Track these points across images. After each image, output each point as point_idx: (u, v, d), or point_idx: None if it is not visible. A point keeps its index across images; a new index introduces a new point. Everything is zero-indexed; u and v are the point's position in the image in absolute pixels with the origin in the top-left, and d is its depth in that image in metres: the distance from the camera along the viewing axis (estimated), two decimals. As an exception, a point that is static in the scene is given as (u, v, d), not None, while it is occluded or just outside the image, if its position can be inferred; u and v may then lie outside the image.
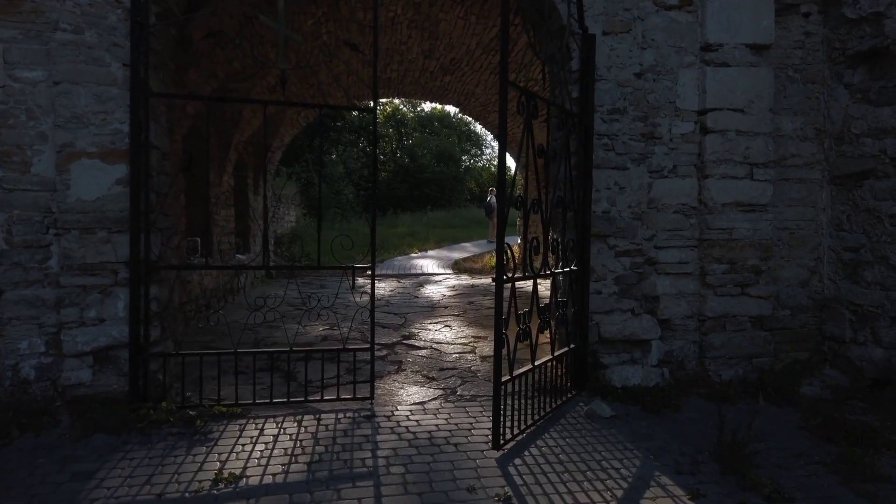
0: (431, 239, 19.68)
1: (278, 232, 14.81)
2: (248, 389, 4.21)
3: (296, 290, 10.50)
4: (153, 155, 3.95)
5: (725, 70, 4.60)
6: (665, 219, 4.62)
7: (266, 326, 7.15)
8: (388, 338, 6.52)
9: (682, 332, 4.65)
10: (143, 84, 3.77)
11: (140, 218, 3.79)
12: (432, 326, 7.15)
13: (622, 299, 4.52)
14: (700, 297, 4.66)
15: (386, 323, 7.40)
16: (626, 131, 4.49)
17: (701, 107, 4.62)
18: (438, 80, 10.08)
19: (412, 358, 5.60)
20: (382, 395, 4.44)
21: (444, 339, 6.40)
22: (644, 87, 4.52)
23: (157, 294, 3.94)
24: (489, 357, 5.58)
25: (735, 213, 4.63)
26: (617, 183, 4.50)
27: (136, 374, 3.80)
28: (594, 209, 4.44)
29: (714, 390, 4.43)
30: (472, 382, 4.75)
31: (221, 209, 8.61)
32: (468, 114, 11.96)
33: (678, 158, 4.62)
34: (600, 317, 4.49)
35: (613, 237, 4.51)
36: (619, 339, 4.50)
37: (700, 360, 4.66)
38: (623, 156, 4.49)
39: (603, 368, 4.45)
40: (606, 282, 4.51)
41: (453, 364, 5.36)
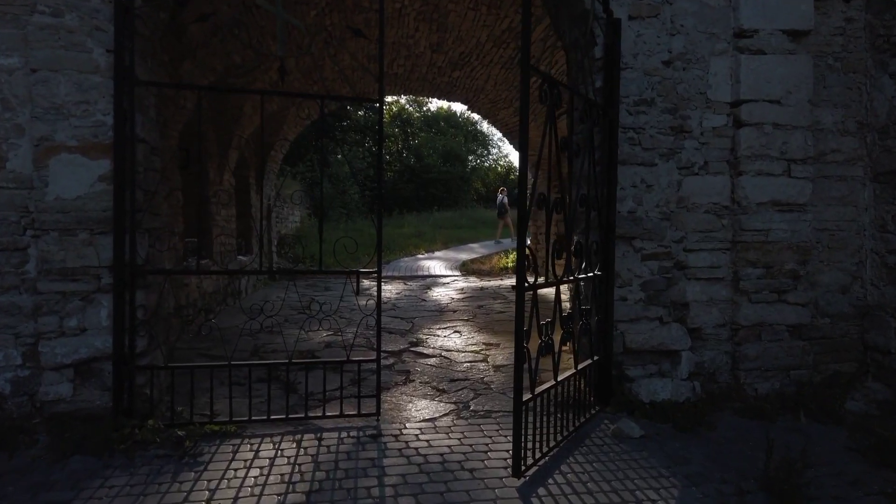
0: (438, 240, 19.35)
1: (282, 232, 14.51)
2: (244, 403, 3.88)
3: (299, 293, 10.20)
4: (140, 149, 3.63)
5: (761, 58, 4.24)
6: (695, 219, 4.26)
7: (267, 332, 6.83)
8: (394, 344, 6.18)
9: (714, 342, 4.30)
10: (128, 72, 3.45)
11: (125, 218, 3.46)
12: (441, 332, 6.81)
13: (649, 306, 4.17)
14: (733, 304, 4.30)
15: (393, 328, 7.07)
16: (653, 124, 4.13)
17: (734, 98, 4.27)
18: (446, 76, 9.74)
19: (421, 367, 5.27)
20: (389, 409, 4.10)
21: (453, 347, 6.06)
22: (673, 77, 4.17)
23: (143, 301, 3.61)
24: (502, 367, 5.24)
25: (771, 212, 4.27)
26: (644, 180, 4.15)
27: (120, 389, 3.47)
28: (619, 209, 4.09)
29: (749, 405, 4.07)
30: (485, 395, 4.40)
31: (222, 209, 8.30)
32: (476, 111, 11.60)
33: (709, 154, 4.27)
34: (625, 325, 4.14)
35: (640, 239, 4.15)
36: (646, 349, 4.14)
37: (733, 373, 4.30)
38: (650, 151, 4.14)
39: (629, 382, 4.10)
40: (632, 287, 4.15)
41: (465, 374, 5.02)
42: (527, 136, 3.04)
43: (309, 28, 7.30)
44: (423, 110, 39.04)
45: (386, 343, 6.23)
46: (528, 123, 3.02)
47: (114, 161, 3.45)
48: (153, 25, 3.87)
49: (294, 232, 16.13)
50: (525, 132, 3.01)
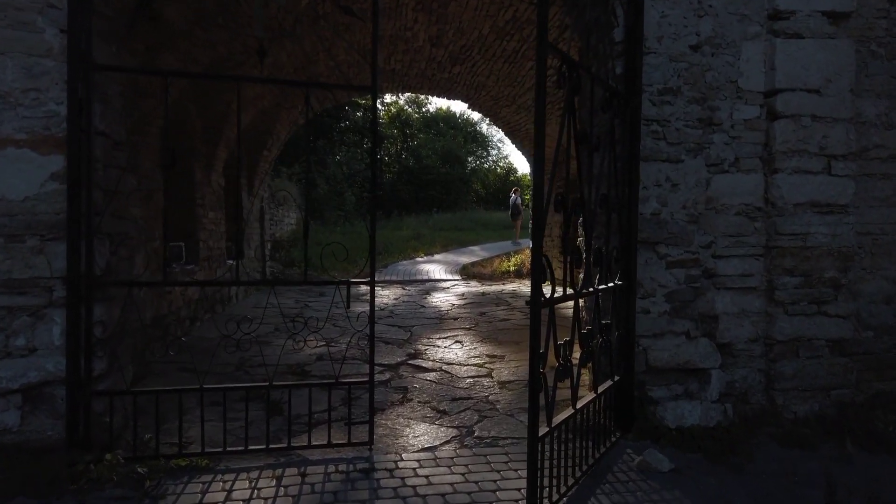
0: (437, 242, 18.91)
1: (276, 235, 14.06)
2: (219, 428, 3.43)
3: (293, 299, 9.76)
4: (100, 143, 3.19)
5: (798, 42, 3.81)
6: (725, 222, 3.83)
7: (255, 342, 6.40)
8: (391, 357, 5.74)
9: (746, 359, 3.86)
10: (84, 55, 3.01)
11: (81, 222, 3.02)
12: (441, 342, 6.37)
13: (674, 320, 3.73)
14: (767, 316, 3.86)
15: (389, 338, 6.63)
16: (679, 116, 3.70)
17: (768, 87, 3.83)
18: (446, 72, 9.30)
19: (419, 383, 4.82)
20: (384, 435, 3.66)
21: (455, 359, 5.61)
22: (701, 63, 3.73)
23: (103, 316, 3.17)
24: (509, 383, 4.79)
25: (809, 214, 3.83)
26: (668, 178, 3.71)
27: (75, 418, 3.03)
28: (641, 210, 3.65)
29: (787, 431, 3.63)
30: (491, 419, 3.96)
31: (210, 211, 7.85)
32: (477, 109, 11.17)
33: (741, 149, 3.83)
34: (648, 341, 3.70)
35: (664, 244, 3.72)
36: (672, 367, 3.70)
37: (767, 393, 3.86)
38: (676, 146, 3.71)
39: (652, 404, 3.65)
40: (655, 298, 3.72)
41: (467, 392, 4.57)
42: (543, 129, 2.61)
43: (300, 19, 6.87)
44: (423, 111, 38.67)
45: (382, 355, 5.79)
46: (544, 111, 2.59)
47: (68, 157, 3.00)
48: (118, 4, 3.43)
49: (289, 235, 15.68)
50: (541, 122, 2.58)
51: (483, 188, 36.95)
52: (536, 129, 2.57)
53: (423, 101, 39.09)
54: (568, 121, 2.86)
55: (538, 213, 2.59)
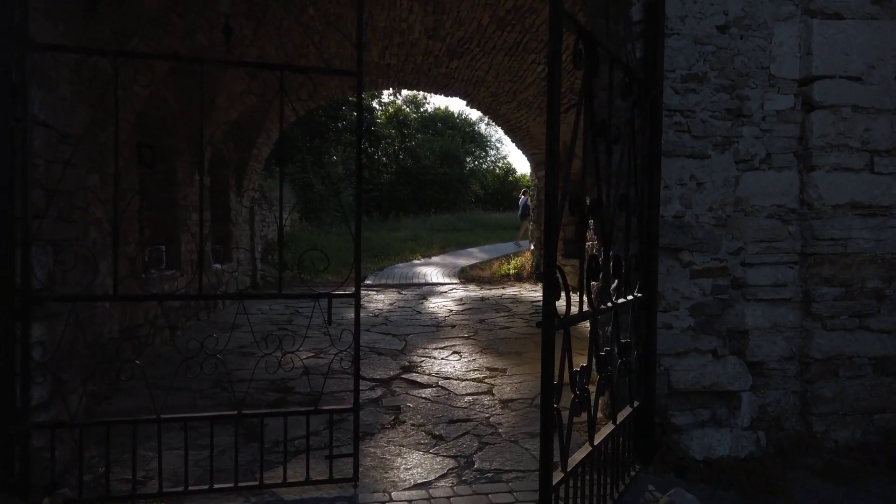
0: (435, 244, 18.48)
1: (268, 237, 13.62)
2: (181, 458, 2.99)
3: (283, 304, 9.32)
4: (40, 135, 2.76)
5: (837, 24, 3.39)
6: (756, 226, 3.40)
7: (237, 353, 5.97)
8: (384, 370, 5.31)
9: (779, 380, 3.43)
10: (17, 32, 2.58)
11: (14, 227, 2.59)
12: (438, 353, 5.94)
13: (700, 336, 3.31)
14: (803, 331, 3.44)
15: (383, 348, 6.20)
16: (705, 106, 3.28)
17: (804, 74, 3.41)
18: (444, 66, 8.88)
19: (413, 402, 4.39)
20: (371, 467, 3.23)
21: (452, 373, 5.18)
22: (729, 47, 3.31)
23: (43, 336, 2.73)
24: (511, 402, 4.37)
25: (850, 217, 3.41)
26: (693, 176, 3.29)
27: (9, 456, 2.59)
28: (662, 213, 3.23)
29: (828, 462, 3.21)
30: (493, 446, 3.53)
31: (193, 212, 7.41)
32: (476, 106, 10.75)
33: (773, 143, 3.41)
34: (671, 360, 3.27)
35: (688, 251, 3.29)
36: (696, 390, 3.28)
37: (803, 418, 3.44)
38: (702, 139, 3.28)
39: (676, 432, 3.23)
40: (678, 312, 3.29)
41: (466, 412, 4.15)
42: (557, 113, 2.18)
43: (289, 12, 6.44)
44: (421, 111, 38.28)
45: (374, 368, 5.36)
46: (559, 92, 2.17)
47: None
48: (65, -23, 3.00)
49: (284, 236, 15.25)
50: (555, 105, 2.15)
51: (482, 189, 36.55)
52: (550, 114, 2.14)
53: (422, 101, 38.77)
54: (585, 108, 2.42)
55: (551, 217, 2.16)
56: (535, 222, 12.35)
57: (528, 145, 11.09)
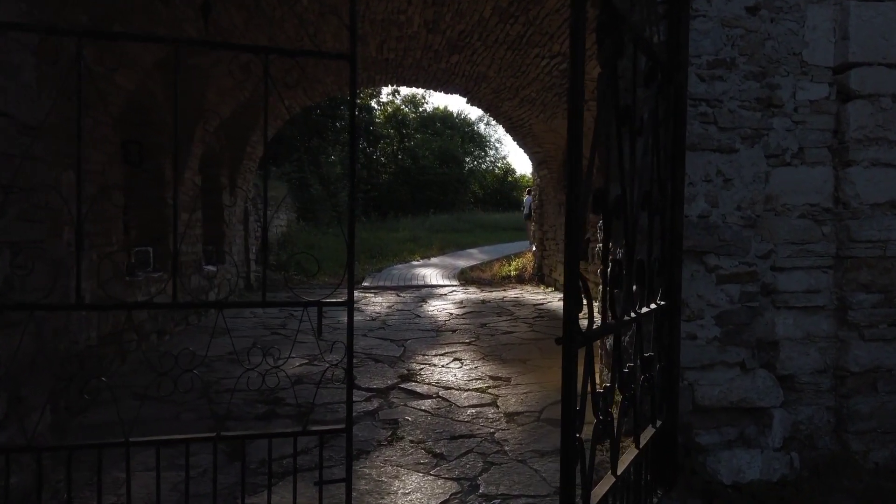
0: (434, 245, 18.20)
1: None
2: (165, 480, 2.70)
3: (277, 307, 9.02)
4: (-6, 125, 2.46)
5: (876, 6, 3.10)
6: (787, 226, 3.11)
7: (226, 360, 5.67)
8: (381, 378, 5.01)
9: (812, 395, 3.14)
10: (-33, 5, 2.29)
11: (-38, 226, 2.29)
12: (438, 360, 5.65)
13: (726, 347, 3.02)
14: (838, 342, 3.15)
15: (380, 354, 5.90)
16: (733, 94, 2.99)
17: (839, 61, 3.12)
18: (444, 61, 8.59)
19: (412, 415, 4.10)
20: (366, 492, 2.93)
21: (453, 382, 4.89)
22: (759, 30, 3.03)
23: (-3, 349, 2.44)
24: (517, 415, 4.07)
25: (890, 217, 3.12)
26: (720, 172, 3.00)
27: (-45, 484, 2.30)
28: (686, 212, 2.94)
29: (868, 485, 2.92)
30: (499, 466, 3.23)
31: (182, 212, 7.11)
32: (477, 104, 10.45)
33: (805, 137, 3.12)
34: (695, 374, 2.98)
35: (714, 254, 3.00)
36: (723, 406, 2.99)
37: (838, 436, 3.15)
38: (729, 131, 3.00)
39: (701, 453, 2.94)
40: (703, 321, 3.00)
41: (469, 427, 3.85)
42: (581, 89, 1.88)
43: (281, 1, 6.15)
44: (420, 110, 38.03)
45: (370, 376, 5.07)
46: (582, 70, 1.88)
47: (-54, 140, 2.28)
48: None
49: (279, 237, 14.95)
50: (579, 77, 1.86)
51: (481, 189, 36.28)
52: (573, 89, 1.85)
53: (420, 101, 38.53)
54: (608, 92, 2.13)
55: (574, 214, 1.86)
56: (536, 223, 12.06)
57: (529, 143, 10.80)
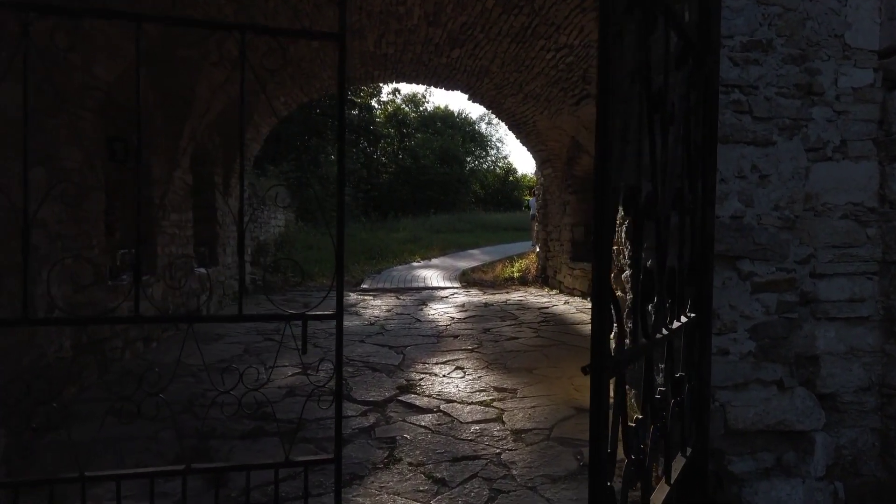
0: (435, 245, 17.88)
1: (261, 238, 13.01)
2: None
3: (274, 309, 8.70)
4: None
5: (927, -18, 2.78)
6: (828, 228, 2.79)
7: (216, 370, 5.34)
8: (378, 389, 4.70)
9: (856, 416, 2.82)
10: None
11: None
12: (439, 369, 5.33)
13: (762, 364, 2.70)
14: (884, 356, 2.83)
15: (378, 363, 5.58)
16: (770, 80, 2.67)
17: (885, 44, 2.80)
18: (445, 56, 8.27)
19: (411, 432, 3.78)
20: (359, 526, 2.62)
21: (456, 394, 4.57)
22: (798, 8, 2.71)
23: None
24: (525, 432, 3.75)
25: (943, 218, 2.80)
26: (755, 167, 2.68)
27: None
28: (718, 212, 2.62)
29: (921, 519, 2.60)
30: (507, 495, 2.92)
31: (171, 213, 6.80)
32: (478, 100, 10.13)
33: (848, 128, 2.80)
34: (728, 394, 2.66)
35: (749, 259, 2.69)
36: (758, 430, 2.67)
37: (884, 461, 2.83)
38: (765, 122, 2.68)
39: (735, 483, 2.62)
40: (736, 334, 2.68)
41: (473, 446, 3.54)
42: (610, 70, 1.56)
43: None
44: (420, 110, 37.74)
45: (367, 387, 4.75)
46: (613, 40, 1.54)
47: None
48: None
49: (276, 237, 14.64)
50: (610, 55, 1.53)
51: (482, 189, 35.97)
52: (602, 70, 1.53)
53: (421, 100, 38.29)
54: (640, 74, 1.81)
55: (605, 218, 1.54)
56: (539, 223, 11.74)
57: (533, 141, 10.48)
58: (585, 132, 7.94)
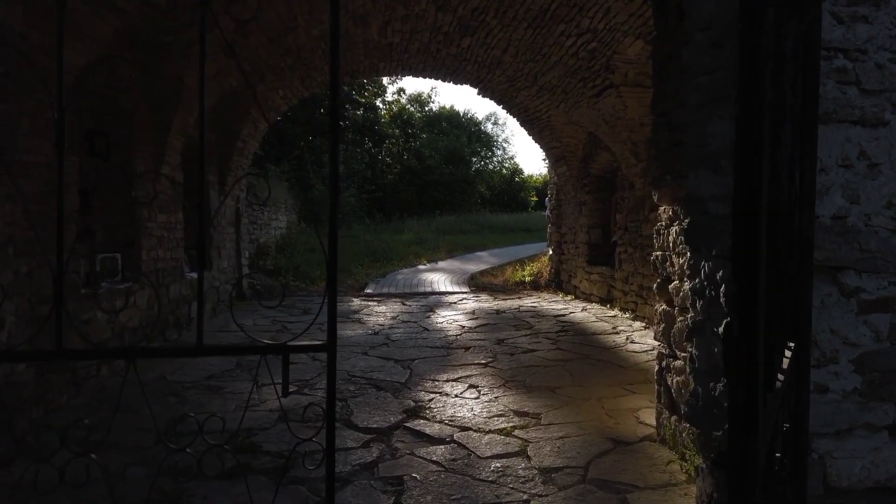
0: (442, 247, 17.33)
1: (261, 240, 12.49)
2: None
3: (269, 319, 8.17)
4: None
5: None
6: (949, 231, 2.22)
7: (203, 388, 4.81)
8: (383, 413, 4.14)
9: (983, 467, 2.24)
10: None
11: None
12: (450, 388, 4.77)
13: (870, 404, 2.13)
14: None
15: (382, 379, 5.03)
16: (882, 43, 2.10)
17: None
18: (454, 45, 7.72)
19: (421, 470, 3.22)
20: None
21: (470, 419, 4.01)
22: (916, -48, 2.14)
23: None
24: (556, 471, 3.18)
25: None
26: (864, 154, 2.11)
27: None
28: (817, 211, 2.05)
29: None
30: (542, 562, 2.35)
31: (159, 213, 6.27)
32: (489, 95, 9.56)
33: (973, 105, 2.22)
34: (827, 443, 2.09)
35: (854, 270, 2.12)
36: (866, 487, 2.10)
37: None
38: (876, 96, 2.11)
39: (839, 559, 2.05)
40: (838, 367, 2.11)
41: (494, 491, 2.97)
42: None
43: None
44: (425, 110, 37.31)
45: (370, 410, 4.20)
46: None
47: None
48: None
49: (277, 240, 14.12)
50: None
51: (488, 190, 35.41)
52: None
53: (426, 100, 37.86)
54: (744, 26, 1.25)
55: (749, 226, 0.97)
56: (553, 224, 11.16)
57: (546, 138, 9.91)
58: (606, 127, 7.37)
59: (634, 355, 5.77)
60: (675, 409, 3.21)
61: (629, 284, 7.72)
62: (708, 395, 2.38)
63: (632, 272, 7.62)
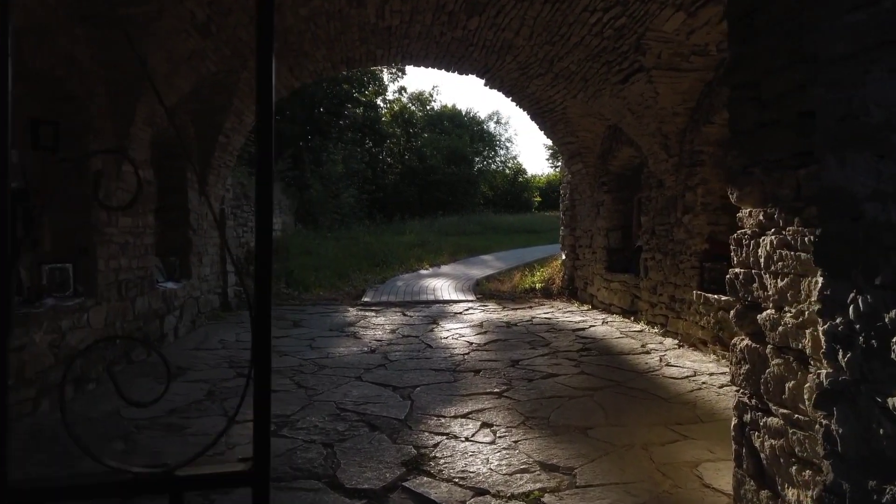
0: (444, 250, 16.50)
1: (251, 244, 11.65)
2: None
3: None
4: None
5: None
6: None
7: (161, 427, 3.98)
8: (377, 465, 3.31)
9: None
10: None
11: None
12: (459, 427, 3.95)
13: None
14: None
15: (377, 414, 4.21)
16: None
17: None
18: (460, 27, 6.90)
19: (425, 563, 2.39)
20: None
21: (486, 476, 3.18)
22: None
23: None
24: (608, 567, 2.35)
25: None
26: None
27: None
28: None
29: None
30: None
31: (121, 216, 5.45)
32: (496, 85, 8.73)
33: None
34: None
35: None
36: None
37: None
38: None
39: None
40: None
41: None
42: None
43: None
44: (427, 109, 36.63)
45: (361, 460, 3.38)
46: None
47: None
48: None
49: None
50: None
51: (491, 190, 34.63)
52: None
53: (428, 99, 37.22)
54: None
55: None
56: (566, 226, 10.33)
57: (560, 132, 9.07)
58: (632, 117, 6.54)
59: (675, 383, 4.93)
60: (768, 482, 2.38)
61: (658, 295, 6.87)
62: (862, 497, 1.56)
63: (661, 282, 6.78)
